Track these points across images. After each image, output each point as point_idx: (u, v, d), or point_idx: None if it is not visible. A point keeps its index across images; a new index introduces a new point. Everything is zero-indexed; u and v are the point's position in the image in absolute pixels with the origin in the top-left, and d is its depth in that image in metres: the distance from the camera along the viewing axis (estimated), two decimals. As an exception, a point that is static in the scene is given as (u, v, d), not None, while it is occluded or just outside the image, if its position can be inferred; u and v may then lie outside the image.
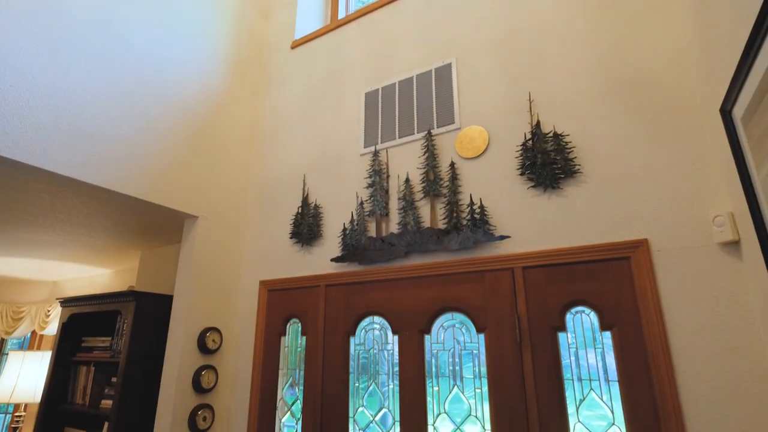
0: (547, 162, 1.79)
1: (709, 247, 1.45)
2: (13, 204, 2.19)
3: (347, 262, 2.20)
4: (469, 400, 1.78)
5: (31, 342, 4.54)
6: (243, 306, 2.53)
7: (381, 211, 2.17)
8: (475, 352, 1.81)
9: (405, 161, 2.22)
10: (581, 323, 1.64)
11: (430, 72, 2.27)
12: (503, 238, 1.82)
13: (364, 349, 2.09)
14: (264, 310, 2.43)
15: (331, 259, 2.23)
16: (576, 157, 1.77)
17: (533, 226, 1.80)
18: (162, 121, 2.26)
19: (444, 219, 2.00)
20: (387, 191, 2.22)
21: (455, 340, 1.87)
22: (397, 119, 2.30)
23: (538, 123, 1.86)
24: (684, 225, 1.51)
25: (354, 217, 2.27)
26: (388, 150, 2.29)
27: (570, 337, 1.64)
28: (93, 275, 4.24)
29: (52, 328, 4.19)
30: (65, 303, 2.90)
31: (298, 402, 2.19)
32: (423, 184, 2.10)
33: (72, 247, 3.09)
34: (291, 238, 2.44)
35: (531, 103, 1.94)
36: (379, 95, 2.41)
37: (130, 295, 2.47)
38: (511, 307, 1.75)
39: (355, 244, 2.18)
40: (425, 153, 2.13)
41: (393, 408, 1.93)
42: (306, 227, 2.39)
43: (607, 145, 1.72)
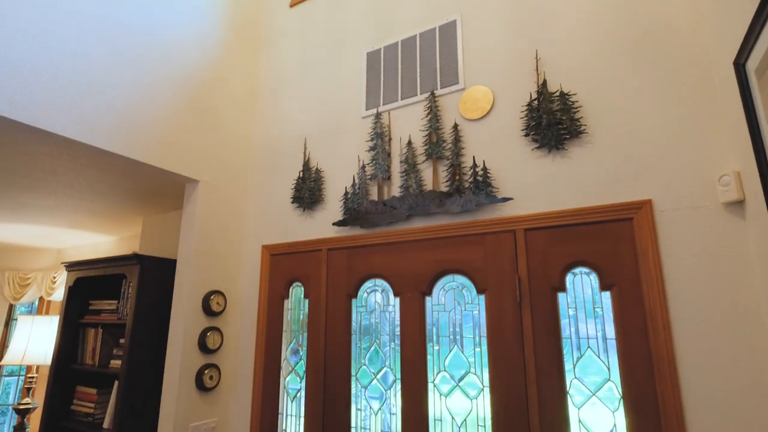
0: (552, 122, 1.76)
1: (712, 207, 1.44)
2: (14, 167, 2.18)
3: (349, 225, 2.20)
4: (468, 359, 1.82)
5: (39, 308, 4.63)
6: (246, 270, 2.55)
7: (383, 174, 2.15)
8: (475, 313, 1.84)
9: (407, 123, 2.18)
10: (581, 284, 1.65)
11: (434, 30, 2.20)
12: (506, 200, 1.81)
13: (366, 311, 2.13)
14: (267, 274, 2.46)
15: (333, 223, 2.23)
16: (582, 117, 1.74)
17: (536, 187, 1.78)
18: (161, 82, 2.21)
19: (446, 182, 1.98)
20: (389, 154, 2.19)
21: (456, 301, 1.90)
22: (399, 80, 2.25)
23: (545, 82, 1.82)
24: (689, 185, 1.50)
25: (356, 180, 2.25)
26: (391, 112, 2.24)
27: (569, 298, 1.66)
28: (96, 242, 4.27)
29: (59, 294, 4.26)
30: (70, 267, 2.93)
31: (302, 362, 2.25)
32: (426, 147, 2.07)
33: (74, 211, 3.10)
34: (293, 202, 2.44)
35: (537, 61, 1.88)
36: (381, 55, 2.34)
37: (134, 258, 2.49)
38: (512, 268, 1.76)
39: (357, 208, 2.17)
40: (428, 114, 2.09)
41: (394, 367, 1.98)
42: (307, 191, 2.38)
43: (615, 104, 1.68)
